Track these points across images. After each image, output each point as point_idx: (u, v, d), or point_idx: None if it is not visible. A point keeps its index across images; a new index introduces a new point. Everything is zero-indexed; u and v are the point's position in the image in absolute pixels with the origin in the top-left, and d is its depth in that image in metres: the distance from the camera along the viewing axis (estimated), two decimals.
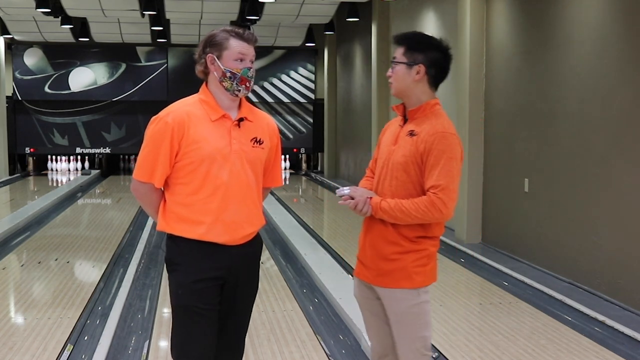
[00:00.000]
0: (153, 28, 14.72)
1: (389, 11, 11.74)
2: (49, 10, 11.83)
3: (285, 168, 18.56)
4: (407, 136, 2.67)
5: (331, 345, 4.46)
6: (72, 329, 4.71)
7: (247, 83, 2.67)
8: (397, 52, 2.71)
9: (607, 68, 5.58)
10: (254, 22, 13.27)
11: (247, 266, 2.77)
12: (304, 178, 17.50)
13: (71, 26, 14.14)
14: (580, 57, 5.98)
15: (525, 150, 6.96)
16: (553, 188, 6.44)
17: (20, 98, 17.27)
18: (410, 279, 2.64)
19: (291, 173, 18.49)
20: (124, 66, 17.59)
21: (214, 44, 2.66)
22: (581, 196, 5.97)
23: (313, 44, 16.82)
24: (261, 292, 5.32)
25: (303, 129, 18.38)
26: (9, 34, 15.85)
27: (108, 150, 17.75)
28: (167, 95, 16.75)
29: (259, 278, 2.89)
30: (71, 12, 13.06)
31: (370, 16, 12.42)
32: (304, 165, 18.88)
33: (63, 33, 15.46)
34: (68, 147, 17.67)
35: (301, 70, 18.27)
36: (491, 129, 7.65)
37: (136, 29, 15.39)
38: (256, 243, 2.80)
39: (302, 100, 18.32)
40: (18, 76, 17.25)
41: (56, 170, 18.30)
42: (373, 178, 2.85)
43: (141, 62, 17.67)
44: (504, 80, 7.40)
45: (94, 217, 11.06)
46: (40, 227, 9.30)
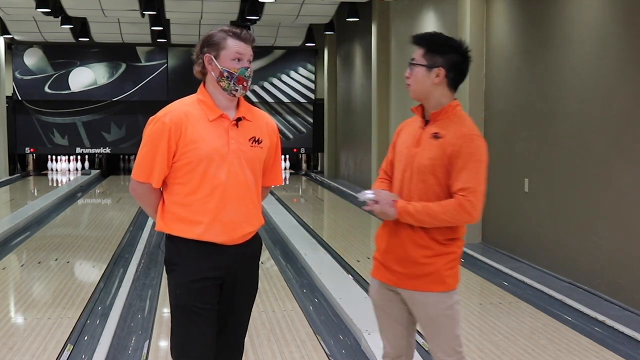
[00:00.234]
0: (153, 28, 14.72)
1: (389, 11, 11.73)
2: (49, 10, 11.83)
3: (285, 168, 18.55)
4: (432, 139, 2.63)
5: (331, 345, 4.46)
6: (72, 329, 4.71)
7: (245, 83, 2.66)
8: (417, 54, 2.65)
9: (607, 68, 5.58)
10: (254, 22, 13.27)
11: (246, 266, 2.77)
12: (304, 178, 17.50)
13: (71, 26, 14.14)
14: (580, 57, 5.98)
15: (525, 150, 6.96)
16: (553, 188, 6.44)
17: (20, 98, 17.28)
18: (443, 283, 2.62)
19: (291, 173, 18.48)
20: (124, 66, 17.59)
21: (212, 44, 2.66)
22: (581, 196, 5.97)
23: (313, 44, 16.82)
24: (261, 292, 5.32)
25: (303, 129, 18.37)
26: (9, 34, 15.85)
27: (108, 150, 17.75)
28: (167, 95, 16.74)
29: (259, 278, 2.89)
30: (71, 12, 13.06)
31: (370, 16, 12.41)
32: (304, 165, 18.88)
33: (63, 33, 15.46)
34: (68, 147, 17.67)
35: (301, 70, 18.27)
36: (491, 129, 7.64)
37: (136, 29, 15.39)
38: (255, 243, 2.79)
39: (302, 100, 18.32)
40: (18, 76, 17.25)
41: (56, 170, 18.30)
42: (388, 180, 2.82)
43: (141, 62, 17.67)
44: (504, 80, 7.40)
45: (94, 217, 11.06)
46: (40, 227, 9.30)
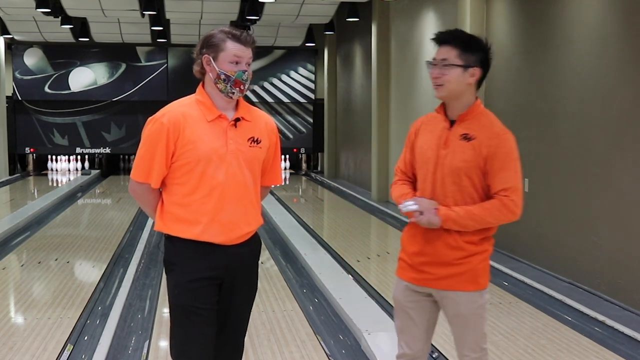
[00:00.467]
0: (153, 28, 14.72)
1: (389, 11, 11.73)
2: (49, 10, 11.83)
3: (285, 168, 18.54)
4: (462, 140, 2.60)
5: (331, 345, 4.46)
6: (72, 329, 4.71)
7: (242, 86, 2.65)
8: (450, 54, 2.58)
9: (607, 68, 5.58)
10: (254, 22, 13.27)
11: (245, 266, 2.77)
12: (304, 178, 17.50)
13: (71, 26, 14.14)
14: (580, 57, 5.98)
15: (525, 150, 6.89)
16: (553, 188, 6.44)
17: (20, 98, 17.27)
18: (476, 282, 2.65)
19: (291, 173, 18.47)
20: (124, 66, 17.59)
21: (211, 45, 2.66)
22: (581, 196, 5.97)
23: (313, 44, 16.81)
24: (261, 292, 5.33)
25: (303, 129, 18.37)
26: (9, 34, 15.85)
27: (108, 150, 17.75)
28: (167, 95, 16.73)
29: (259, 278, 2.89)
30: (71, 12, 13.06)
31: (370, 16, 12.41)
32: (304, 165, 18.87)
33: (63, 33, 15.45)
34: (68, 147, 17.66)
35: (301, 70, 18.27)
36: None
37: (136, 29, 15.39)
38: (254, 242, 2.79)
39: (302, 100, 18.31)
40: (18, 76, 17.24)
41: (56, 170, 18.29)
42: (409, 181, 2.79)
43: (141, 62, 17.67)
44: (504, 80, 7.40)
45: (94, 217, 11.06)
46: (40, 227, 9.30)
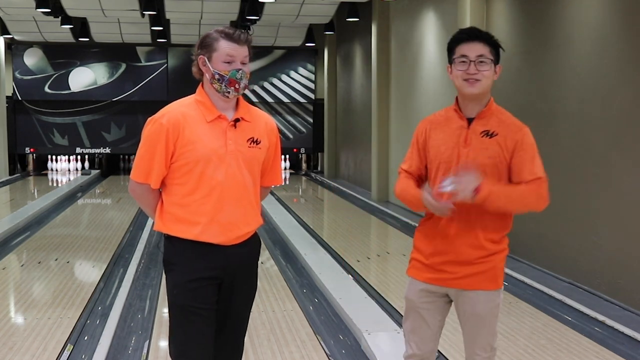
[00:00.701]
0: (153, 28, 14.72)
1: (389, 11, 11.73)
2: (49, 10, 11.83)
3: (285, 168, 18.54)
4: (484, 137, 2.61)
5: (331, 345, 4.46)
6: (72, 329, 4.71)
7: (237, 85, 2.64)
8: (484, 50, 2.60)
9: (607, 68, 5.58)
10: (254, 22, 13.27)
11: (244, 266, 2.77)
12: (304, 178, 17.50)
13: (71, 26, 14.14)
14: (580, 57, 5.98)
15: None
16: (553, 188, 6.38)
17: (20, 98, 17.27)
18: (495, 281, 2.66)
19: (291, 173, 18.47)
20: (124, 66, 17.59)
21: (205, 45, 2.65)
22: (581, 196, 5.96)
23: (313, 44, 16.81)
24: (261, 292, 5.33)
25: (303, 129, 18.37)
26: (9, 34, 15.85)
27: (108, 150, 17.75)
28: (167, 95, 16.73)
29: (259, 278, 2.89)
30: (71, 12, 13.06)
31: (370, 16, 12.41)
32: (304, 165, 18.88)
33: (63, 33, 15.46)
34: (68, 147, 17.67)
35: (301, 70, 18.27)
36: None
37: (136, 29, 15.39)
38: (253, 243, 2.79)
39: (302, 100, 18.32)
40: (18, 76, 17.24)
41: (56, 170, 18.29)
42: (415, 180, 2.77)
43: (141, 62, 17.67)
44: (504, 80, 7.37)
45: (94, 217, 11.06)
46: (40, 227, 9.30)
